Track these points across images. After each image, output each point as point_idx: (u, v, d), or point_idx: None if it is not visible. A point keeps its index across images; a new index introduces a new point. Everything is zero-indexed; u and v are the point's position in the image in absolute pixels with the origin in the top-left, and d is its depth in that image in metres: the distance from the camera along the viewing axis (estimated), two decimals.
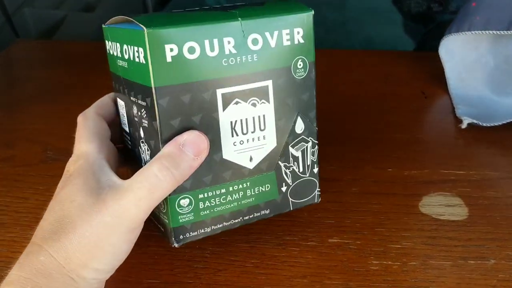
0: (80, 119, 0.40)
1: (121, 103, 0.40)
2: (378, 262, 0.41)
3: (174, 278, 0.40)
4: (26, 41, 0.83)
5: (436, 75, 0.65)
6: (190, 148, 0.34)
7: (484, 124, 0.55)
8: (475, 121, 0.56)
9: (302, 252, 0.42)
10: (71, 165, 0.36)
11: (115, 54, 0.38)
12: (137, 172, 0.34)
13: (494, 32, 0.56)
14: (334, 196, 0.48)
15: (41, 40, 0.88)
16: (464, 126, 0.56)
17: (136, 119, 0.37)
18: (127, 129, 0.40)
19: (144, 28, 0.32)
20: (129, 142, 0.41)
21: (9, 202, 0.47)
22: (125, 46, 0.36)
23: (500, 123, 0.55)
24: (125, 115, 0.40)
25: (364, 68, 0.70)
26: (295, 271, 0.40)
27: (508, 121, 0.55)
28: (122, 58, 0.37)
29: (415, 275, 0.40)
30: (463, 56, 0.62)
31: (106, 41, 0.39)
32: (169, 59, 0.33)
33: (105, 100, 0.42)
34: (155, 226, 0.41)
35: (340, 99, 0.62)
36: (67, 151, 0.53)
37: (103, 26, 0.39)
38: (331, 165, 0.52)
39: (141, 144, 0.38)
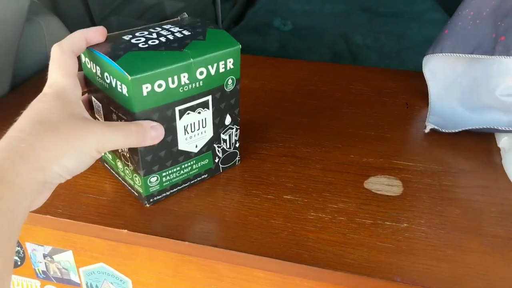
0: (57, 51, 0.46)
1: (97, 103, 0.54)
2: (315, 214, 0.54)
3: (164, 207, 0.55)
4: None
5: (425, 92, 0.76)
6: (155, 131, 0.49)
7: (443, 130, 0.66)
8: (436, 127, 0.66)
9: (261, 201, 0.56)
10: (48, 89, 0.45)
11: (93, 70, 0.52)
12: (115, 122, 0.47)
13: (460, 55, 0.66)
14: (300, 169, 0.61)
15: None
16: (427, 130, 0.67)
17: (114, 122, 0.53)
18: (101, 119, 0.55)
19: (128, 75, 0.47)
20: None
21: None
22: (106, 73, 0.50)
23: (456, 130, 0.65)
24: (101, 112, 0.54)
25: (365, 81, 0.82)
26: (251, 212, 0.54)
27: (463, 129, 0.65)
28: (103, 79, 0.51)
29: (339, 225, 0.52)
30: (444, 76, 0.72)
31: (82, 54, 0.53)
32: (144, 94, 0.48)
33: (79, 37, 0.47)
34: (128, 191, 0.57)
35: (332, 103, 0.75)
36: None
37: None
38: (306, 148, 0.65)
39: None
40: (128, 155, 0.53)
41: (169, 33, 0.53)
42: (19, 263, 0.63)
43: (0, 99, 0.78)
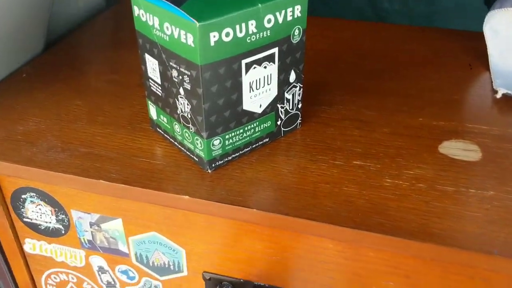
0: None
1: (153, 60, 0.50)
2: (391, 181, 0.50)
3: (225, 171, 0.51)
4: None
5: (487, 52, 0.70)
6: None
7: None
8: (510, 92, 0.61)
9: (330, 167, 0.52)
10: None
11: (149, 23, 0.47)
12: None
13: None
14: (367, 133, 0.56)
15: None
16: (499, 96, 0.62)
17: (175, 79, 0.48)
18: (158, 81, 0.50)
19: (196, 21, 0.41)
20: (160, 91, 0.51)
21: (110, 110, 0.61)
22: (166, 24, 0.45)
23: None
24: (157, 70, 0.50)
25: (419, 41, 0.76)
26: (320, 179, 0.50)
27: None
28: (162, 31, 0.46)
29: (420, 193, 0.48)
30: (506, 35, 0.67)
31: (136, 7, 0.48)
32: (212, 44, 0.44)
33: None
34: (185, 156, 0.53)
35: (389, 63, 0.70)
36: None
37: None
38: (370, 111, 0.60)
39: (180, 99, 0.49)
40: (189, 116, 0.48)
41: None
42: (63, 231, 0.60)
43: (35, 58, 0.73)
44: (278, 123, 0.54)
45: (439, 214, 0.46)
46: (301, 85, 0.54)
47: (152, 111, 0.55)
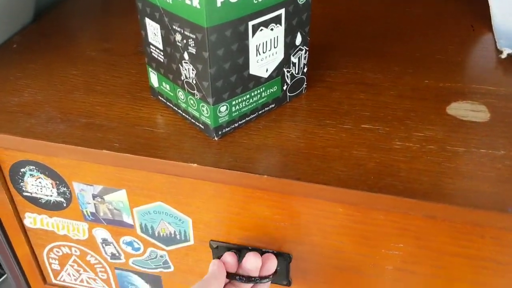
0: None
1: (154, 25, 0.48)
2: (401, 143, 0.49)
3: (232, 139, 0.50)
4: None
5: (488, 13, 0.69)
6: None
7: None
8: None
9: (338, 132, 0.51)
10: None
11: None
12: None
13: None
14: (373, 96, 0.55)
15: None
16: (504, 56, 0.61)
17: (179, 44, 0.46)
18: (160, 46, 0.49)
19: None
20: (162, 56, 0.49)
21: (107, 79, 0.59)
22: None
23: None
24: (158, 35, 0.48)
25: (420, 3, 0.75)
26: (329, 143, 0.49)
27: None
28: None
29: (431, 154, 0.48)
30: None
31: None
32: (218, 4, 0.42)
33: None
34: (189, 124, 0.52)
35: (391, 26, 0.69)
36: None
37: None
38: (375, 74, 0.59)
39: (184, 64, 0.47)
40: (194, 82, 0.47)
41: None
42: (64, 204, 0.58)
43: (25, 28, 0.70)
44: (284, 88, 0.53)
45: (451, 175, 0.45)
46: (307, 48, 0.52)
47: (153, 78, 0.53)
